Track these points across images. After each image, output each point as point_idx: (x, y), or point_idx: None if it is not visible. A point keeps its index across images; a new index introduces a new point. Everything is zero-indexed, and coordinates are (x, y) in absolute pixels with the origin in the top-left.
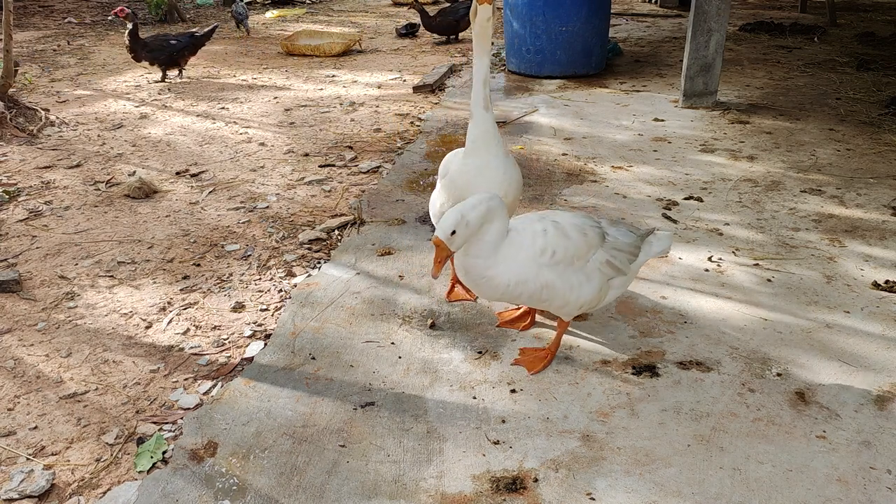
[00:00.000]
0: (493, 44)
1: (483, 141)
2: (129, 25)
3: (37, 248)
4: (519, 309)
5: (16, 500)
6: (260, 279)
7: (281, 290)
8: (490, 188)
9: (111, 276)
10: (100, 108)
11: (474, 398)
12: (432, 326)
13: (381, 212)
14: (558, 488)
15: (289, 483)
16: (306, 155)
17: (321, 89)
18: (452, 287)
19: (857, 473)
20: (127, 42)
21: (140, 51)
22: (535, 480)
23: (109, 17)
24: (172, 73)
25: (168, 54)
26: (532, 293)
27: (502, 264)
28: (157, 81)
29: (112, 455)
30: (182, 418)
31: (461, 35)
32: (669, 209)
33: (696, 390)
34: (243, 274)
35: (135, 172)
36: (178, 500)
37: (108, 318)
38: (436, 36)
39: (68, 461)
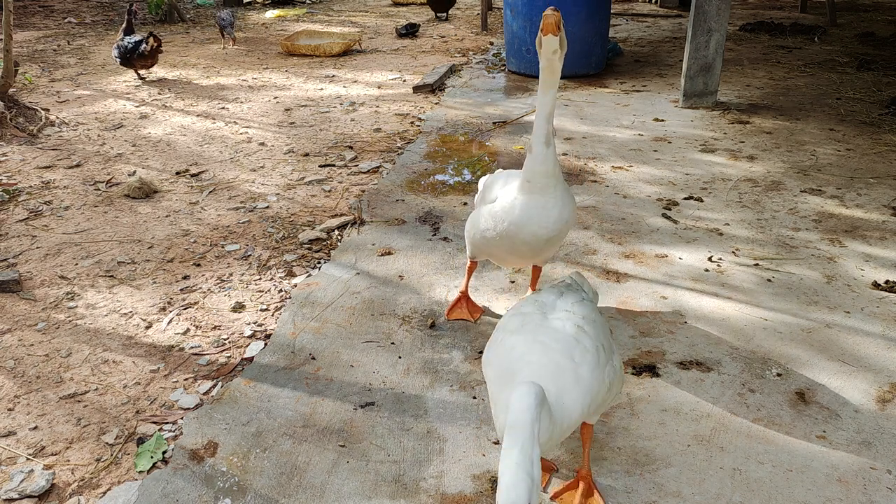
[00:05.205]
0: (492, 44)
1: (542, 182)
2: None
3: (37, 248)
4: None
5: (16, 500)
6: (260, 279)
7: (281, 290)
8: (544, 226)
9: (111, 276)
10: (100, 107)
11: (474, 398)
12: (432, 326)
13: (381, 212)
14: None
15: (289, 483)
16: (306, 155)
17: (321, 89)
18: (456, 304)
19: (857, 473)
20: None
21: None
22: None
23: (133, 8)
24: (143, 72)
25: (121, 54)
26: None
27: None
28: (155, 81)
29: (112, 455)
30: (182, 418)
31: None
32: (669, 209)
33: (696, 390)
34: (243, 274)
35: (135, 172)
36: (179, 500)
37: (108, 318)
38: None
39: (68, 461)
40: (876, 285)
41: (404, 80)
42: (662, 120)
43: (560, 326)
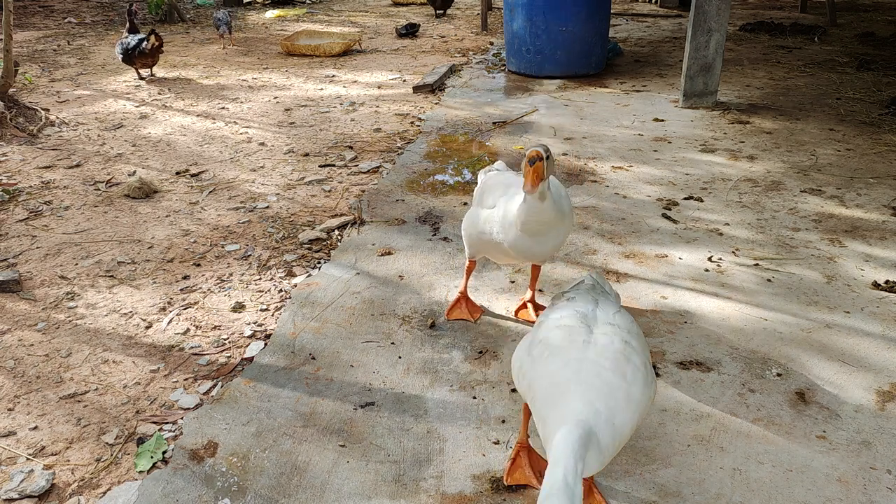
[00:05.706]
0: (492, 44)
1: (536, 229)
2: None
3: (37, 248)
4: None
5: (16, 500)
6: (260, 279)
7: (281, 290)
8: (538, 253)
9: (111, 276)
10: (100, 108)
11: (474, 398)
12: (432, 326)
13: (381, 212)
14: None
15: (289, 483)
16: (306, 155)
17: (321, 89)
18: (455, 304)
19: (857, 473)
20: None
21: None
22: None
23: (133, 8)
24: (144, 71)
25: (123, 50)
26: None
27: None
28: (155, 81)
29: (112, 455)
30: (182, 418)
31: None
32: (669, 209)
33: (696, 390)
34: (243, 274)
35: (135, 172)
36: (179, 500)
37: (108, 318)
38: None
39: (68, 461)
40: (876, 285)
41: (404, 80)
42: (662, 120)
43: (608, 342)
